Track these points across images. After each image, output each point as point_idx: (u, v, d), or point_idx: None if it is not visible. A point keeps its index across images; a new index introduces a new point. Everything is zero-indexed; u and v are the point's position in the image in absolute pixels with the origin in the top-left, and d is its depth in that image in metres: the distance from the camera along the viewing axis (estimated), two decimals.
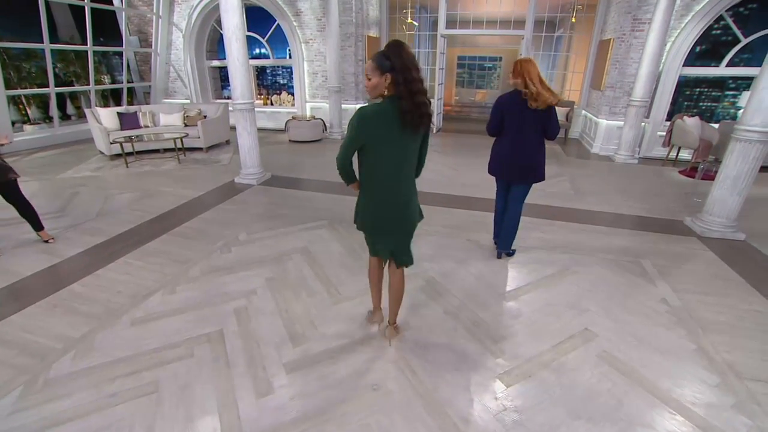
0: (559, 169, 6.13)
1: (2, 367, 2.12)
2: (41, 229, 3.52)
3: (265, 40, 9.07)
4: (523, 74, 2.84)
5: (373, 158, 1.84)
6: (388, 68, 1.68)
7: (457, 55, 11.98)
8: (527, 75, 2.84)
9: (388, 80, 1.69)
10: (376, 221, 2.02)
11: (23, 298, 2.72)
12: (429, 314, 2.59)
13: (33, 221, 3.48)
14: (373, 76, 1.72)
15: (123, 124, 6.52)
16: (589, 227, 3.97)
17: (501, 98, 3.01)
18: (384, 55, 1.70)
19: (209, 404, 1.88)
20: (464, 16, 8.28)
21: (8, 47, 7.04)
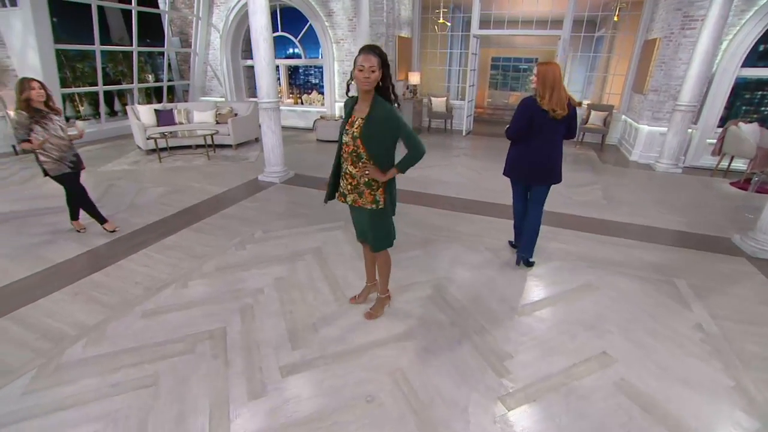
0: (592, 176, 5.79)
1: (23, 349, 2.25)
2: (76, 219, 3.74)
3: (297, 40, 9.23)
4: (541, 80, 2.71)
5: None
6: (384, 64, 1.91)
7: (491, 56, 11.64)
8: (542, 82, 2.71)
9: (379, 75, 1.91)
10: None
11: (51, 284, 2.88)
12: (434, 324, 2.49)
13: (74, 211, 3.70)
14: (377, 69, 1.89)
15: (159, 120, 6.84)
16: (619, 240, 3.70)
17: (528, 100, 2.84)
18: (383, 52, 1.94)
19: (202, 403, 1.90)
20: (499, 16, 8.02)
21: (65, 49, 7.57)
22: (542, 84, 2.70)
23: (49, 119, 3.22)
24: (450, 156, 6.89)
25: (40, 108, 3.18)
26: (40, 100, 3.16)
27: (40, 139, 3.15)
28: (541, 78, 2.70)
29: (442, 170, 5.98)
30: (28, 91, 3.09)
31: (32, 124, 3.13)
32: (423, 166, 6.18)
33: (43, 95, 3.17)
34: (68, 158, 3.37)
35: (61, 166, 3.34)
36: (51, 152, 3.26)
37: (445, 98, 8.74)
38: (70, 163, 3.39)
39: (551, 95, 2.70)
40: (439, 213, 4.30)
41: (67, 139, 3.36)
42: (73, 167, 3.43)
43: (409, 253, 3.42)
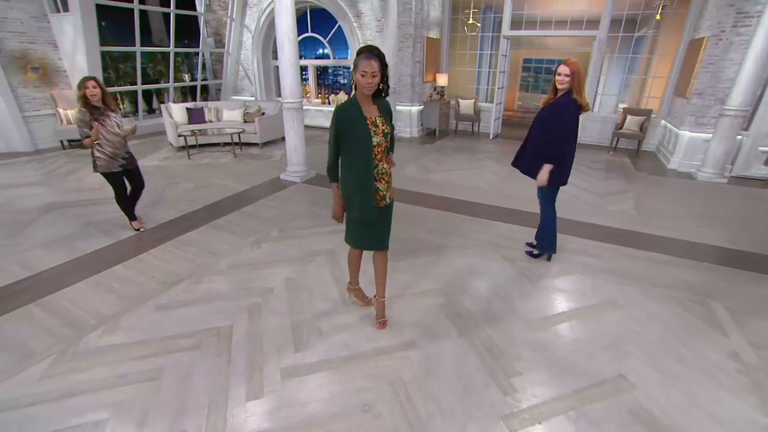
0: (624, 184, 5.46)
1: (47, 335, 2.37)
2: (134, 220, 3.84)
3: (326, 40, 9.33)
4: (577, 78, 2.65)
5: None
6: (384, 65, 1.93)
7: (523, 57, 11.27)
8: (578, 80, 2.67)
9: (380, 78, 1.94)
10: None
11: (78, 273, 3.04)
12: (441, 335, 2.41)
13: (131, 206, 3.81)
14: (378, 73, 1.91)
15: (190, 118, 7.11)
16: (650, 255, 3.45)
17: (570, 101, 2.75)
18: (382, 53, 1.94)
19: (201, 400, 1.92)
20: (531, 16, 7.75)
21: (109, 50, 8.03)
22: (578, 82, 2.72)
23: (106, 116, 3.34)
24: (474, 160, 6.73)
25: (98, 105, 3.31)
26: (95, 98, 3.27)
27: (98, 134, 3.29)
28: (576, 76, 2.70)
29: (465, 174, 5.85)
30: (83, 90, 3.22)
31: (91, 120, 3.26)
32: (446, 169, 6.15)
33: (98, 93, 3.28)
34: (120, 155, 3.49)
35: (111, 164, 3.45)
36: (105, 148, 3.38)
37: (473, 100, 8.55)
38: (122, 160, 3.51)
39: (583, 92, 2.77)
40: (458, 218, 4.19)
41: (121, 136, 3.47)
42: (123, 166, 3.54)
43: (423, 258, 3.34)
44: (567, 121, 2.77)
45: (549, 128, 2.81)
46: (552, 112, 2.81)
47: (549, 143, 2.81)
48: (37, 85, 6.86)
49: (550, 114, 2.81)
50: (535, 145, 2.93)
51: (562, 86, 2.76)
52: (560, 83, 2.76)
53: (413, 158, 6.74)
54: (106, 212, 4.19)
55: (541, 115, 2.92)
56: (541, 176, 2.90)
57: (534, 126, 2.97)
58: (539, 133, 2.89)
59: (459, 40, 8.80)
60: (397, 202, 4.49)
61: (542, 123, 2.89)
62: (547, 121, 2.84)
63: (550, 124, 2.81)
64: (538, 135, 2.90)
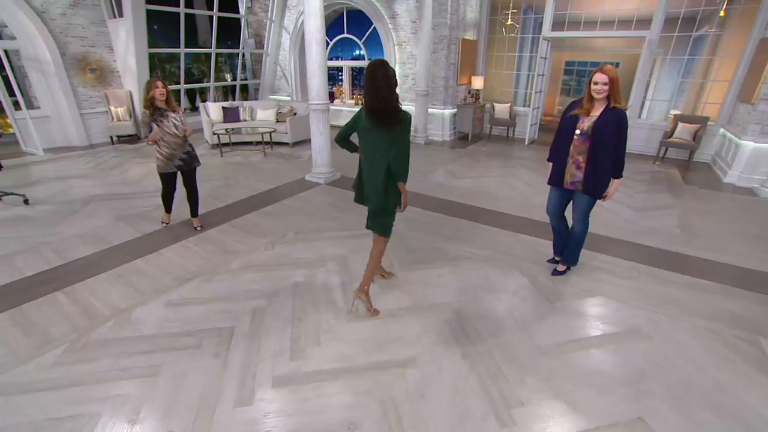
0: (669, 199, 5.00)
1: (65, 323, 2.51)
2: (195, 216, 3.94)
3: (362, 42, 9.36)
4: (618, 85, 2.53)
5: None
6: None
7: (566, 60, 10.66)
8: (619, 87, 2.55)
9: None
10: None
11: (103, 264, 3.21)
12: (443, 353, 2.29)
13: (194, 206, 3.90)
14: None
15: (226, 117, 7.38)
16: (690, 280, 3.11)
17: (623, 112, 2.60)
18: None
19: (191, 401, 1.94)
20: (575, 17, 7.31)
21: (157, 52, 8.53)
22: (617, 90, 2.51)
23: (165, 117, 3.38)
24: (506, 167, 6.45)
25: (161, 106, 3.37)
26: (162, 99, 3.35)
27: (157, 135, 3.39)
28: (615, 84, 2.49)
29: (493, 181, 5.61)
30: (153, 91, 3.29)
31: (152, 121, 3.37)
32: (474, 175, 5.94)
33: (164, 94, 3.36)
34: (178, 156, 3.53)
35: (168, 165, 3.52)
36: (162, 149, 3.45)
37: (509, 104, 8.23)
38: (179, 161, 3.56)
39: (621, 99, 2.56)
40: (481, 228, 4.01)
41: (180, 137, 3.49)
42: (179, 167, 3.60)
43: (437, 269, 3.22)
44: (626, 135, 2.60)
45: (611, 142, 2.57)
46: (610, 125, 2.53)
47: (617, 158, 2.64)
48: (94, 85, 7.41)
49: (612, 124, 2.53)
50: (603, 161, 2.65)
51: (600, 96, 2.53)
52: (598, 93, 2.52)
53: (442, 163, 6.58)
54: (137, 207, 4.44)
55: (602, 126, 2.56)
56: (613, 192, 2.78)
57: (596, 140, 2.60)
58: (602, 149, 2.60)
59: (497, 42, 8.50)
60: (417, 209, 4.46)
61: (606, 136, 2.57)
62: (607, 135, 2.56)
63: (611, 138, 2.56)
64: (602, 150, 2.61)
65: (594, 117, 2.59)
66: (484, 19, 8.24)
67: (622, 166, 2.68)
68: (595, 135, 2.58)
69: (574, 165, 2.75)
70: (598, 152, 2.63)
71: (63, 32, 6.91)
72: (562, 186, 2.88)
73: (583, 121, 2.64)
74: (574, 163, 2.74)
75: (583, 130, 2.63)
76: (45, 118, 7.06)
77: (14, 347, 2.29)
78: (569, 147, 2.74)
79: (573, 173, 2.77)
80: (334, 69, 11.39)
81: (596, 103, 2.61)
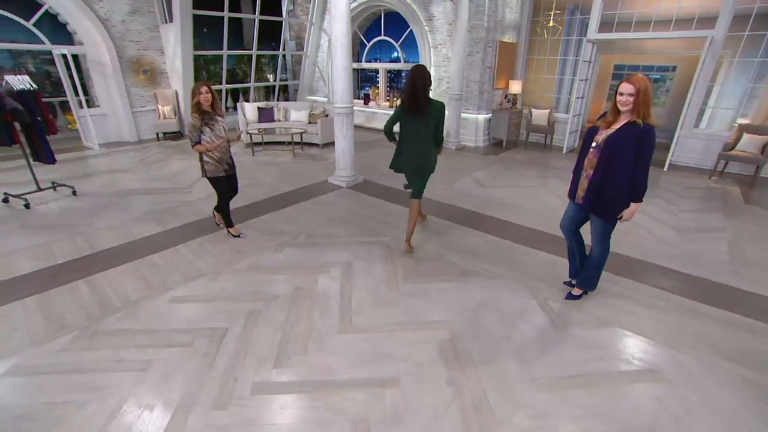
0: (721, 220, 4.46)
1: (81, 311, 2.70)
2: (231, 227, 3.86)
3: (398, 44, 9.31)
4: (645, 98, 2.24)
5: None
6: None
7: (615, 63, 9.86)
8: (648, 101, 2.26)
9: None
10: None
11: (124, 257, 3.42)
12: (428, 376, 2.18)
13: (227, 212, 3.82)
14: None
15: (261, 117, 7.65)
16: (731, 317, 2.74)
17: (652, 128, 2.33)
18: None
19: (172, 400, 1.99)
20: (625, 17, 6.77)
21: (202, 54, 9.03)
22: (645, 102, 2.24)
23: (214, 121, 3.37)
24: (539, 176, 6.11)
25: (207, 111, 3.33)
26: (207, 103, 3.31)
27: (208, 141, 3.36)
28: (642, 95, 2.23)
29: (522, 192, 5.34)
30: (198, 96, 3.26)
31: (202, 126, 3.32)
32: (502, 185, 5.69)
33: (210, 99, 3.31)
34: (225, 160, 3.57)
35: (218, 168, 3.51)
36: (213, 153, 3.44)
37: (548, 111, 7.80)
38: (226, 165, 3.58)
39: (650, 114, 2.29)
40: (497, 242, 3.82)
41: (227, 141, 3.53)
42: (227, 171, 3.61)
43: (442, 284, 3.10)
44: (649, 154, 2.31)
45: (625, 159, 2.34)
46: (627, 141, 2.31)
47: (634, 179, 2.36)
48: (145, 85, 7.99)
49: (631, 140, 2.30)
50: (611, 177, 2.42)
51: (625, 108, 2.30)
52: (623, 104, 2.29)
53: (470, 170, 6.36)
54: (167, 202, 4.70)
55: (614, 141, 2.35)
56: (629, 216, 2.49)
57: (605, 156, 2.41)
58: (611, 166, 2.39)
59: (538, 45, 8.08)
60: (434, 218, 4.33)
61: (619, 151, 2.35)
62: (620, 152, 2.34)
63: (625, 155, 2.33)
64: (612, 168, 2.39)
65: (612, 130, 2.36)
66: (525, 20, 7.87)
67: (641, 189, 2.40)
68: (606, 149, 2.37)
69: (586, 179, 2.54)
70: (606, 169, 2.41)
71: (122, 37, 7.51)
72: (575, 200, 2.67)
73: (601, 133, 2.43)
74: (586, 177, 2.53)
75: (598, 143, 2.42)
76: (103, 116, 7.72)
77: (33, 330, 2.49)
78: (585, 159, 2.54)
79: (584, 188, 2.56)
80: (372, 71, 11.45)
81: (621, 116, 2.38)
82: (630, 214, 2.49)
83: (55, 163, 4.87)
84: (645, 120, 2.26)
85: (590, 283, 2.87)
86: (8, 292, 2.89)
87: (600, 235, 2.65)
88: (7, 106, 4.29)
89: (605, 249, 2.69)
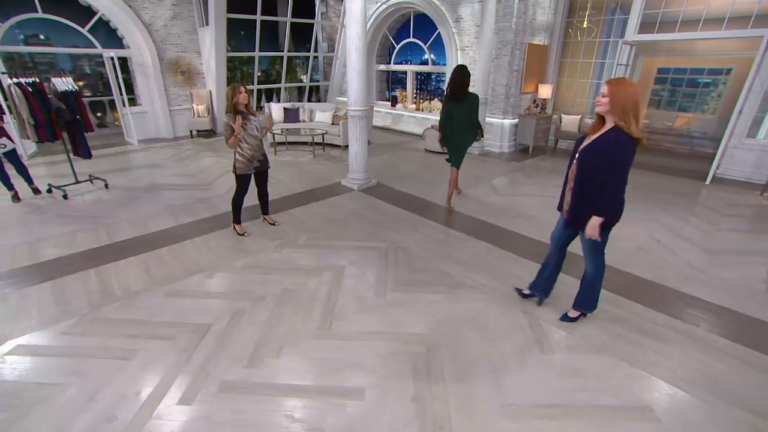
0: (765, 242, 4.00)
1: (86, 297, 2.91)
2: (267, 214, 4.20)
3: (426, 46, 9.21)
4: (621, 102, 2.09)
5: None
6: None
7: (658, 66, 9.10)
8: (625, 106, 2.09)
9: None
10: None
11: (135, 249, 3.65)
12: (394, 391, 2.13)
13: (266, 205, 4.16)
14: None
15: (286, 117, 7.86)
16: (751, 355, 2.44)
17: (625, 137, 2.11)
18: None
19: (145, 390, 2.09)
20: (669, 15, 6.25)
21: (236, 56, 9.44)
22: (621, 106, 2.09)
23: (248, 120, 3.55)
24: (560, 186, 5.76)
25: (242, 110, 3.52)
26: (244, 103, 3.49)
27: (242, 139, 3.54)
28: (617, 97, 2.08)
29: (537, 202, 5.10)
30: (237, 96, 3.42)
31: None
32: (518, 193, 5.48)
33: (247, 98, 3.49)
34: (257, 158, 3.71)
35: (248, 166, 3.68)
36: (245, 151, 3.60)
37: (578, 116, 7.39)
38: (257, 162, 3.73)
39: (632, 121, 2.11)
40: (498, 253, 3.68)
41: (259, 138, 3.67)
42: (257, 168, 3.77)
43: (430, 296, 3.02)
44: (626, 162, 2.12)
45: (598, 170, 2.19)
46: (600, 150, 2.18)
47: (604, 191, 2.18)
48: (182, 85, 8.48)
49: (602, 150, 2.17)
50: (585, 191, 2.30)
51: (600, 108, 2.18)
52: (598, 105, 2.19)
53: (489, 176, 6.17)
54: (186, 198, 4.96)
55: (588, 152, 2.26)
56: (591, 231, 2.27)
57: (580, 168, 2.30)
58: (587, 177, 2.26)
59: (572, 47, 7.67)
60: (437, 225, 4.24)
61: (590, 162, 2.24)
62: (592, 162, 2.22)
63: (597, 165, 2.19)
64: (587, 180, 2.27)
65: (590, 140, 2.23)
66: (558, 22, 7.50)
67: (607, 204, 2.19)
68: (580, 160, 2.25)
69: (569, 192, 2.40)
70: (581, 182, 2.28)
71: (163, 40, 8.02)
72: (563, 214, 2.53)
73: (584, 141, 2.28)
74: (569, 189, 2.41)
75: (578, 153, 2.28)
76: (143, 114, 8.29)
77: (42, 314, 2.72)
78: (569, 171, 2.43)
79: (568, 201, 2.42)
80: (402, 73, 11.42)
81: (606, 122, 2.23)
82: (590, 228, 2.26)
83: (91, 158, 5.28)
84: (625, 129, 2.07)
85: (588, 304, 2.68)
86: (31, 276, 3.18)
87: (590, 252, 2.47)
88: (52, 106, 4.72)
89: (599, 267, 2.51)
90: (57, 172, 5.77)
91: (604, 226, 2.27)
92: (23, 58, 8.05)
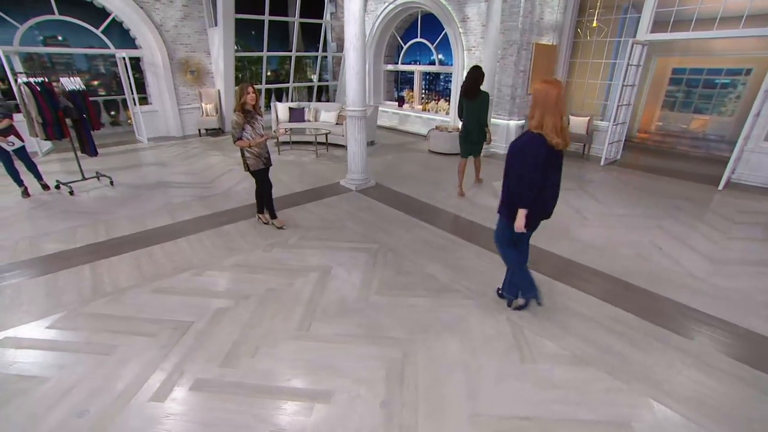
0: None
1: (78, 292, 2.99)
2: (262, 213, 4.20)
3: (433, 46, 9.14)
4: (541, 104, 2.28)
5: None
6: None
7: (672, 66, 8.75)
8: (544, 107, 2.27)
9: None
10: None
11: (129, 245, 3.73)
12: (363, 396, 2.11)
13: (260, 204, 4.17)
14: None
15: (291, 117, 7.92)
16: (748, 373, 2.32)
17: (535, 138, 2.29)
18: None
19: (120, 386, 2.13)
20: (683, 14, 6.02)
21: (245, 55, 9.56)
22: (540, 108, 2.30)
23: (255, 119, 3.63)
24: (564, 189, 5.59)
25: (250, 110, 3.59)
26: (252, 103, 3.56)
27: (250, 138, 3.63)
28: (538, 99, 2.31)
29: None
30: (245, 96, 3.49)
31: (245, 123, 3.58)
32: None
33: (254, 98, 3.56)
34: (264, 155, 3.81)
35: (258, 162, 3.78)
36: (253, 148, 3.69)
37: (586, 118, 7.20)
38: (264, 159, 3.83)
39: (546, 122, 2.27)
40: (487, 258, 3.61)
41: (265, 138, 3.77)
42: (266, 164, 3.87)
43: (415, 299, 2.99)
44: (530, 164, 2.29)
45: (513, 168, 2.43)
46: (517, 149, 2.39)
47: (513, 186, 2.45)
48: (192, 84, 8.64)
49: (516, 151, 2.40)
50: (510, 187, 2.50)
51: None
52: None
53: (492, 178, 6.04)
54: (185, 196, 5.05)
55: (511, 148, 2.47)
56: (517, 223, 2.45)
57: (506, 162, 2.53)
58: (508, 173, 2.50)
59: (583, 47, 7.48)
60: (431, 227, 4.20)
61: (509, 160, 2.47)
62: (511, 159, 2.45)
63: (514, 164, 2.42)
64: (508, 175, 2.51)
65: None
66: (568, 21, 7.32)
67: (517, 197, 2.41)
68: (507, 155, 2.48)
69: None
70: (507, 175, 2.49)
71: (173, 41, 8.19)
72: None
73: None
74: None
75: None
76: (154, 113, 8.48)
77: (34, 306, 2.80)
78: None
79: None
80: (411, 73, 11.36)
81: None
82: (517, 219, 2.44)
83: (97, 155, 5.43)
84: (539, 128, 2.24)
85: (508, 288, 2.85)
86: (30, 270, 3.28)
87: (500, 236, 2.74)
88: (60, 105, 4.86)
89: (507, 255, 2.75)
90: (70, 168, 5.95)
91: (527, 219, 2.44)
92: (42, 58, 8.34)
